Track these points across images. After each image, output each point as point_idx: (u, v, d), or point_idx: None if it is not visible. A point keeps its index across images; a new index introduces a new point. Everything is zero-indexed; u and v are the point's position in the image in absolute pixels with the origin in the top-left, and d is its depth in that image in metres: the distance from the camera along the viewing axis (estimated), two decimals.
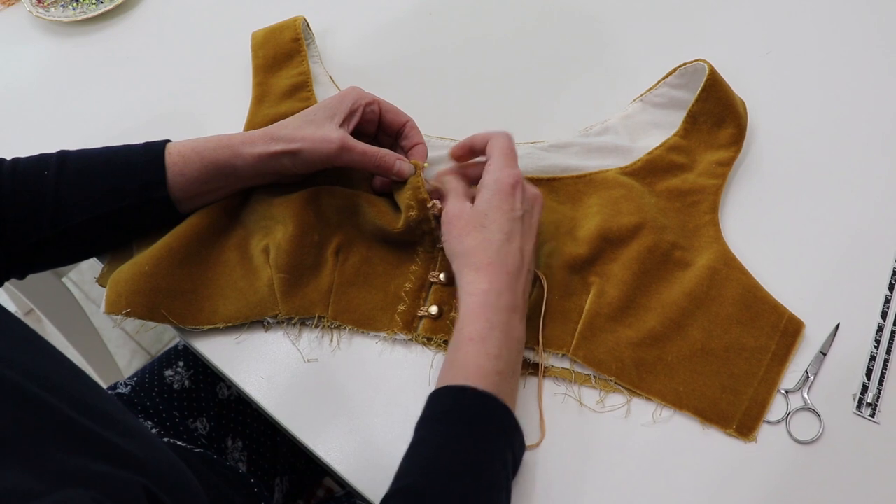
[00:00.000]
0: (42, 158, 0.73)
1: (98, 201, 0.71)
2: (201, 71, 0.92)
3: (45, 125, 0.90)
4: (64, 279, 1.31)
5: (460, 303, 0.65)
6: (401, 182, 0.73)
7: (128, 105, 0.91)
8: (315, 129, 0.72)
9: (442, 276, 0.72)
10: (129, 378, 0.95)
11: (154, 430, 0.88)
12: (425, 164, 0.74)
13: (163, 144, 0.73)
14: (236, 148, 0.72)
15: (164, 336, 1.70)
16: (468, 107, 0.87)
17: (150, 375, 0.94)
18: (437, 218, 0.72)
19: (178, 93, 0.91)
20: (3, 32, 1.01)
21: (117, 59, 0.95)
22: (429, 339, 0.71)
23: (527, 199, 0.69)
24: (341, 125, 0.74)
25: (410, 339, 0.71)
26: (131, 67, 0.95)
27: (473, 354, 0.62)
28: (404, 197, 0.72)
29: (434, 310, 0.71)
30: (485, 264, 0.65)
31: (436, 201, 0.72)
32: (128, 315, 0.70)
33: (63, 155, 0.73)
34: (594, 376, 0.68)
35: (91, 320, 1.45)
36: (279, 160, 0.72)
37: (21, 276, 0.77)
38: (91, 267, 1.75)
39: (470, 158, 0.76)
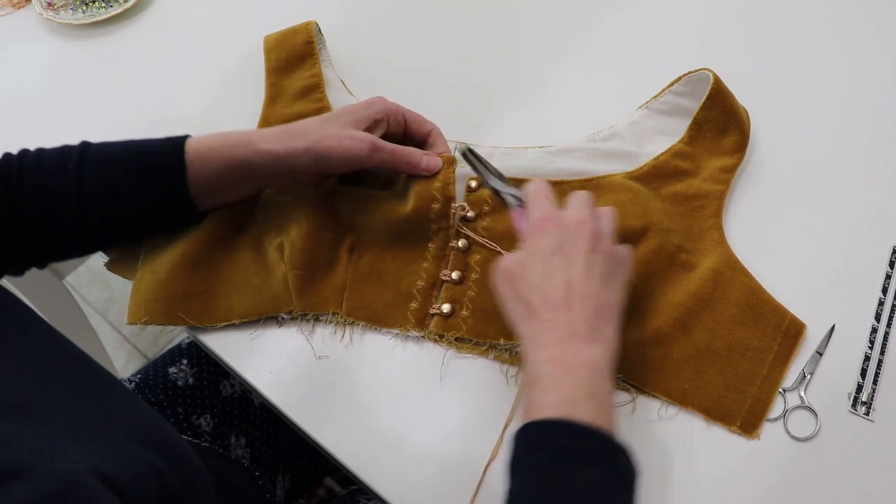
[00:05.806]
0: (65, 151, 0.72)
1: (119, 199, 0.71)
2: (211, 74, 0.93)
3: (54, 127, 0.90)
4: (63, 281, 1.31)
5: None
6: (430, 177, 0.74)
7: (137, 107, 0.91)
8: (339, 129, 0.72)
9: (454, 274, 0.73)
10: (133, 375, 0.95)
11: None
12: (462, 165, 0.74)
13: (182, 141, 0.71)
14: (255, 145, 0.71)
15: (160, 339, 1.70)
16: (480, 111, 0.88)
17: (154, 372, 0.94)
18: (457, 218, 0.74)
19: (188, 95, 0.92)
20: (13, 34, 1.01)
21: (127, 62, 0.96)
22: (440, 336, 0.72)
23: (564, 227, 0.64)
24: (366, 130, 0.73)
25: (422, 336, 0.72)
26: (141, 70, 0.95)
27: (532, 397, 0.60)
28: (432, 187, 0.73)
29: (446, 307, 0.72)
30: (527, 316, 0.63)
31: (463, 203, 0.74)
32: (146, 323, 0.73)
33: (85, 146, 0.72)
34: None
35: (89, 322, 1.45)
36: (300, 158, 0.71)
37: (20, 273, 0.76)
38: (88, 270, 1.76)
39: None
